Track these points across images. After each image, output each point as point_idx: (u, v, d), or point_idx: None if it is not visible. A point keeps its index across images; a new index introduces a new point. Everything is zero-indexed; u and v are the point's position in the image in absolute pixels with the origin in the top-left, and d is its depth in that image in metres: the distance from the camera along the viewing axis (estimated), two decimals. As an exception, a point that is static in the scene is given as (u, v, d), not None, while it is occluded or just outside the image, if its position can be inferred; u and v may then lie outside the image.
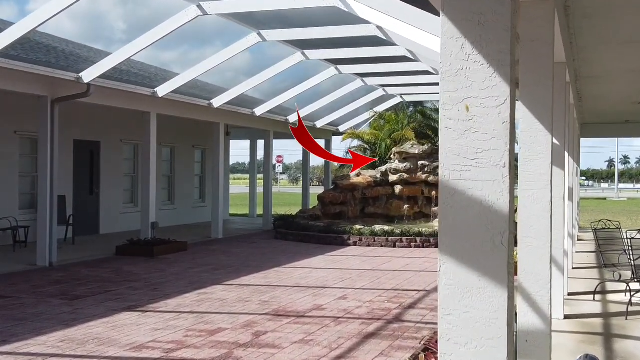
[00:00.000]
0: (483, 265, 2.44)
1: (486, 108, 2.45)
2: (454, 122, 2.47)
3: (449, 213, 2.48)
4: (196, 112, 16.85)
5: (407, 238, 16.10)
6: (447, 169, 2.48)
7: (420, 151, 20.27)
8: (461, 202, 2.46)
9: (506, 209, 2.43)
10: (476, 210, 2.44)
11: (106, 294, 9.49)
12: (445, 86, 2.50)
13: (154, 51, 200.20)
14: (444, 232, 2.50)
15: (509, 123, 2.44)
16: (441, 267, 2.51)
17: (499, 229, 2.43)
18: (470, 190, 2.44)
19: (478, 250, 2.44)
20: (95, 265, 12.39)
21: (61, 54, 14.33)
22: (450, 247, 2.47)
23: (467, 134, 2.46)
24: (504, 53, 2.45)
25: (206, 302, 8.94)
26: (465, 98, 2.46)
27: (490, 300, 2.44)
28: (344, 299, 9.32)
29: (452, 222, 2.47)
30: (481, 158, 2.44)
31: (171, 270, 11.94)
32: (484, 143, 2.44)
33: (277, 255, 14.26)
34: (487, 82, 2.45)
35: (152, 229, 15.04)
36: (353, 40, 14.02)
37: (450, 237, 2.48)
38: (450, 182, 2.47)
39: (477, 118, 2.45)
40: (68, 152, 17.03)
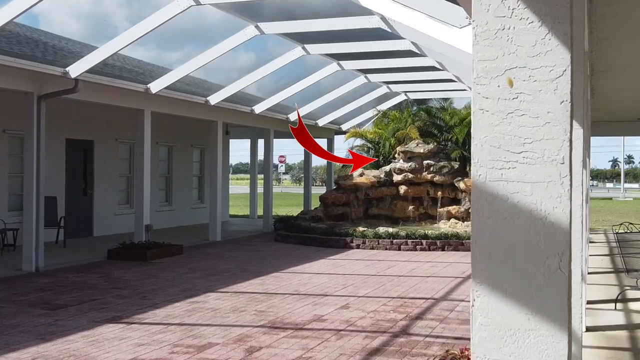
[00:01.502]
0: (534, 299, 1.77)
1: (537, 82, 1.78)
2: (491, 102, 1.81)
3: (485, 227, 1.81)
4: (193, 110, 16.19)
5: (413, 241, 15.43)
6: (482, 167, 1.82)
7: (426, 150, 19.59)
8: (502, 212, 1.79)
9: (566, 222, 1.76)
10: (524, 223, 1.78)
11: (91, 303, 8.84)
12: (479, 53, 1.83)
13: (157, 51, 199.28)
14: (478, 253, 1.83)
15: (569, 102, 1.77)
16: (475, 300, 1.84)
17: (555, 249, 1.76)
18: (515, 196, 1.78)
19: (527, 278, 1.78)
20: (84, 271, 11.74)
21: (50, 48, 13.68)
22: (488, 273, 1.81)
23: (511, 117, 1.79)
24: (561, 6, 1.78)
25: (197, 313, 8.28)
26: (508, 69, 1.80)
27: (544, 347, 1.77)
28: (346, 308, 8.65)
29: (489, 239, 1.81)
30: (530, 151, 1.77)
31: (164, 275, 11.28)
32: (535, 130, 1.77)
33: (277, 259, 13.60)
34: (538, 46, 1.78)
35: (146, 232, 14.39)
36: (356, 34, 13.35)
37: (488, 260, 1.81)
38: (487, 185, 1.80)
39: (525, 96, 1.78)
40: (60, 152, 16.40)
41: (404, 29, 11.21)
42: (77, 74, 11.29)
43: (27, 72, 10.97)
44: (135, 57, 19.55)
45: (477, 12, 1.83)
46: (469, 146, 22.86)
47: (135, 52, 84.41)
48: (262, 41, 11.22)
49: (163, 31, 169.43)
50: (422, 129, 23.38)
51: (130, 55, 18.80)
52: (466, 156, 22.53)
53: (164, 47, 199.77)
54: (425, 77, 18.37)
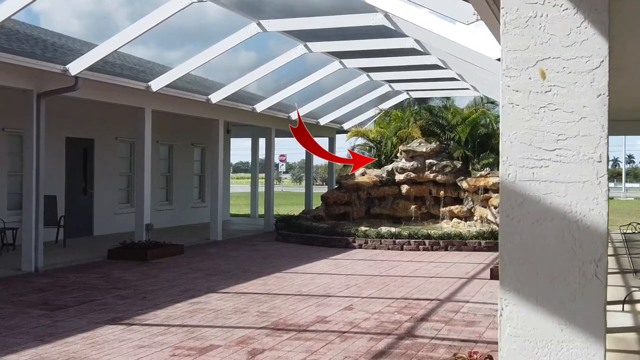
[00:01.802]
0: (568, 309, 1.64)
1: (572, 74, 1.65)
2: (522, 96, 1.68)
3: (514, 231, 1.68)
4: (194, 108, 16.05)
5: (415, 240, 15.29)
6: (512, 165, 1.69)
7: (428, 149, 19.44)
8: (534, 215, 1.66)
9: (603, 225, 1.63)
10: (557, 227, 1.64)
11: (91, 304, 8.71)
12: (509, 42, 1.70)
13: (158, 50, 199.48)
14: (507, 258, 1.70)
15: (606, 96, 1.64)
16: (503, 309, 1.71)
17: (591, 255, 1.63)
18: (547, 197, 1.64)
19: (560, 285, 1.65)
20: (83, 270, 11.61)
21: (50, 46, 13.54)
22: (518, 280, 1.68)
23: (544, 112, 1.66)
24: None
25: (199, 314, 8.14)
26: (540, 59, 1.67)
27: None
28: (349, 309, 8.52)
29: (519, 244, 1.68)
30: (565, 148, 1.64)
31: (164, 275, 11.15)
32: (569, 126, 1.64)
33: (278, 259, 13.47)
34: (573, 35, 1.65)
35: (146, 231, 14.26)
36: (359, 31, 13.21)
37: (518, 267, 1.68)
38: (518, 185, 1.67)
39: (559, 89, 1.65)
40: (60, 150, 16.26)
41: (408, 26, 11.08)
42: (77, 72, 11.15)
43: (27, 70, 10.83)
44: (136, 55, 19.43)
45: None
46: (471, 145, 22.75)
47: (136, 51, 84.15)
48: (263, 40, 11.21)
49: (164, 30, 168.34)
50: (424, 128, 23.25)
51: (131, 54, 18.68)
52: (468, 155, 22.39)
53: (165, 46, 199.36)
54: (428, 75, 18.23)
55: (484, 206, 18.48)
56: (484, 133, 23.20)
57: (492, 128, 23.33)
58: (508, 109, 1.68)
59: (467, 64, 12.56)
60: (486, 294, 9.64)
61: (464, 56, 11.08)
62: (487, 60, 10.65)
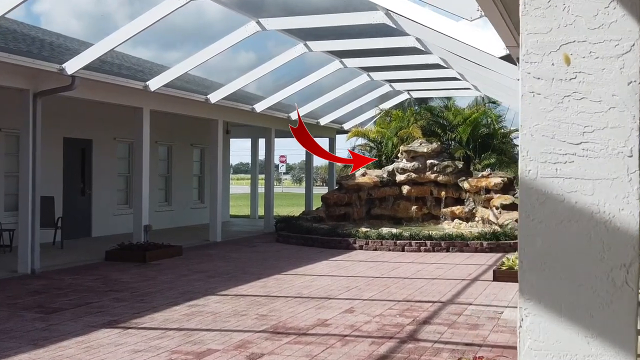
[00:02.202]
0: (595, 320, 1.48)
1: (600, 59, 1.49)
2: (544, 84, 1.52)
3: (535, 233, 1.52)
4: (192, 108, 15.90)
5: (417, 241, 15.12)
6: (532, 161, 1.53)
7: (429, 149, 19.28)
8: (557, 215, 1.50)
9: (634, 226, 1.47)
10: (583, 229, 1.49)
11: (87, 307, 8.55)
12: (529, 25, 1.54)
13: (158, 51, 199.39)
14: (527, 263, 1.54)
15: (637, 83, 1.48)
16: (523, 320, 1.55)
17: (621, 259, 1.47)
18: (572, 195, 1.49)
19: (587, 294, 1.49)
20: (81, 272, 11.45)
21: (48, 45, 13.39)
22: (539, 288, 1.52)
23: (568, 102, 1.50)
24: (628, -32, 1.49)
25: (197, 317, 7.98)
26: (564, 43, 1.51)
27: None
28: (350, 312, 8.36)
29: (541, 247, 1.52)
30: (591, 141, 1.48)
31: (163, 277, 10.99)
32: (597, 117, 1.48)
33: (278, 261, 13.31)
34: (600, 17, 1.49)
35: (144, 232, 14.10)
36: (359, 30, 13.07)
37: (539, 273, 1.52)
38: (539, 182, 1.51)
39: (585, 75, 1.50)
40: (57, 151, 16.11)
41: (408, 24, 10.93)
42: (73, 71, 11.00)
43: (23, 69, 10.67)
44: (136, 56, 19.30)
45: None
46: (472, 145, 22.60)
47: (136, 52, 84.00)
48: (262, 41, 11.02)
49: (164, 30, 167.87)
50: (425, 128, 23.11)
51: (131, 54, 18.54)
52: (470, 156, 22.25)
53: (165, 47, 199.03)
54: (429, 75, 18.09)
55: (485, 207, 18.32)
56: (486, 133, 23.05)
57: (493, 128, 23.19)
58: (528, 99, 1.52)
59: (469, 62, 12.41)
60: (489, 296, 9.47)
61: (467, 54, 10.92)
62: (490, 59, 10.50)
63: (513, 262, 11.03)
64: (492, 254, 14.41)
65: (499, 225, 16.54)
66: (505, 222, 16.54)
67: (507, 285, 10.29)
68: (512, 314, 8.26)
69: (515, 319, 7.92)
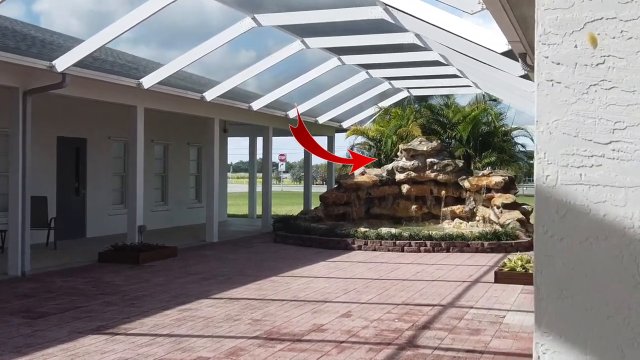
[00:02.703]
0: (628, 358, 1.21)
1: (633, 40, 1.22)
2: (565, 70, 1.25)
3: (555, 252, 1.25)
4: (188, 106, 15.62)
5: (416, 242, 14.85)
6: (551, 164, 1.26)
7: (429, 148, 19.01)
8: (582, 231, 1.23)
9: (677, 245, 1.19)
10: (614, 247, 1.21)
11: (76, 311, 8.28)
12: None
13: (158, 50, 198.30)
14: (545, 289, 1.27)
15: (680, 70, 1.21)
16: (540, 357, 1.28)
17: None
18: (601, 206, 1.21)
19: (618, 326, 1.21)
20: (72, 275, 11.18)
21: (39, 42, 13.11)
22: (560, 320, 1.25)
23: (595, 92, 1.23)
24: None
25: (188, 322, 7.71)
26: (590, 21, 1.23)
27: None
28: (347, 316, 8.09)
29: (562, 270, 1.24)
30: (624, 140, 1.21)
31: (156, 280, 10.72)
32: (630, 110, 1.21)
33: (275, 262, 13.03)
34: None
35: (139, 233, 13.83)
36: (357, 26, 12.79)
37: (560, 301, 1.25)
38: (559, 190, 1.24)
39: (615, 60, 1.22)
40: (51, 150, 15.84)
41: (408, 19, 10.66)
42: (63, 68, 10.72)
43: (11, 66, 10.39)
44: (137, 55, 19.03)
45: (542, -60, 1.26)
46: (473, 144, 22.33)
47: (137, 51, 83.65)
48: (263, 39, 10.81)
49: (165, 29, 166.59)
50: (425, 126, 22.85)
51: (130, 52, 18.26)
52: (470, 154, 21.98)
53: (165, 45, 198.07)
54: (428, 72, 17.82)
55: (486, 206, 18.05)
56: (486, 131, 22.80)
57: (494, 126, 22.93)
58: (546, 88, 1.24)
59: (470, 59, 12.14)
60: (491, 299, 9.20)
61: (467, 50, 10.66)
62: (491, 55, 10.23)
63: (515, 264, 10.76)
64: (493, 254, 14.14)
65: (500, 225, 16.27)
66: (506, 222, 16.28)
67: (509, 288, 10.02)
68: (515, 318, 7.99)
69: (518, 323, 7.65)
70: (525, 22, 7.00)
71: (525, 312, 8.28)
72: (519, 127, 23.23)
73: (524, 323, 7.69)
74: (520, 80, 12.28)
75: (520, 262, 10.76)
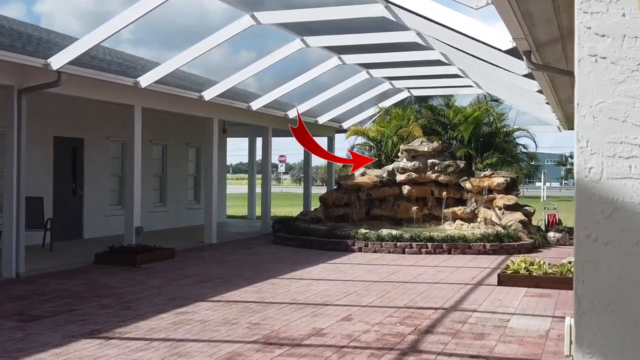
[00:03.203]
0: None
1: (694, 6, 1.02)
2: (612, 44, 1.06)
3: (599, 258, 1.07)
4: (186, 106, 15.42)
5: (418, 243, 14.65)
6: (594, 154, 1.07)
7: (430, 149, 18.81)
8: (632, 233, 1.05)
9: None
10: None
11: (70, 314, 8.08)
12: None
13: (159, 51, 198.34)
14: (587, 301, 1.09)
15: None
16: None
17: None
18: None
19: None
20: (68, 277, 10.98)
21: (35, 40, 12.93)
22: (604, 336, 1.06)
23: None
24: None
25: (185, 325, 7.51)
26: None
27: None
28: (348, 320, 7.89)
29: (607, 278, 1.06)
30: (683, 127, 1.02)
31: (152, 282, 10.52)
32: (691, 90, 1.02)
33: (274, 264, 12.84)
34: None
35: (136, 235, 13.63)
36: (358, 24, 12.61)
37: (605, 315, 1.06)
38: (604, 185, 1.06)
39: (672, 31, 1.03)
40: (47, 150, 15.64)
41: (409, 17, 10.47)
42: (59, 66, 10.52)
43: (6, 64, 10.18)
44: (122, 50, 18.84)
45: None
46: (474, 144, 22.14)
47: (137, 52, 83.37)
48: (264, 39, 10.63)
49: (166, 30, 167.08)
50: (426, 126, 22.66)
51: (131, 53, 18.08)
52: (472, 155, 21.79)
53: (165, 47, 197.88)
54: (429, 72, 17.63)
55: (488, 207, 17.87)
56: (487, 132, 22.61)
57: (495, 127, 22.75)
58: (588, 65, 1.06)
59: (472, 58, 11.96)
60: (494, 302, 9.01)
61: (470, 48, 10.47)
62: (494, 53, 10.05)
63: (518, 266, 10.56)
64: (496, 256, 13.94)
65: (502, 227, 16.08)
66: (508, 223, 16.09)
67: (513, 290, 9.83)
68: (520, 322, 7.79)
69: (523, 327, 7.45)
70: (531, 19, 6.82)
71: (530, 316, 8.09)
72: (521, 128, 23.03)
73: (529, 327, 7.49)
74: (523, 80, 12.11)
75: (523, 265, 10.56)
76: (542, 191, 52.08)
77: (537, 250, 15.01)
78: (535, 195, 45.62)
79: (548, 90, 11.82)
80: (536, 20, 6.91)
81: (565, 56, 8.93)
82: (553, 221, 18.10)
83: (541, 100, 13.92)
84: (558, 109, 15.22)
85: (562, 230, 17.01)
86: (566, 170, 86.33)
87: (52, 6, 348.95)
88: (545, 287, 9.95)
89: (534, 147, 24.57)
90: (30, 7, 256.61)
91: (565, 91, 12.32)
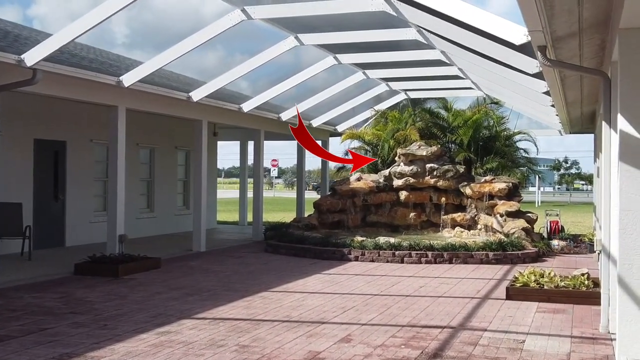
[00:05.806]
0: None
1: None
2: None
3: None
4: (174, 107, 14.66)
5: (417, 252, 13.92)
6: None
7: (429, 153, 18.10)
8: None
9: None
10: None
11: (39, 334, 7.30)
12: None
13: (153, 53, 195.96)
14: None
15: None
16: None
17: None
18: None
19: None
20: (43, 289, 10.19)
21: (13, 37, 12.15)
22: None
23: None
24: None
25: (166, 348, 6.75)
26: None
27: None
28: (347, 341, 7.14)
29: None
30: None
31: (134, 296, 9.74)
32: None
33: (266, 274, 12.08)
34: None
35: (119, 243, 12.85)
36: (356, 20, 11.90)
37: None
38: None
39: None
40: (27, 153, 14.83)
41: (410, 11, 9.77)
42: (33, 62, 9.76)
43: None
44: (109, 50, 18.07)
45: None
46: (474, 149, 21.45)
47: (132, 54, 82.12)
48: (259, 42, 10.00)
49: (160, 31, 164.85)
50: (424, 130, 21.98)
51: (126, 55, 17.30)
52: (472, 159, 21.10)
53: (160, 48, 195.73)
54: (428, 72, 16.93)
55: (488, 214, 17.15)
56: (487, 136, 21.94)
57: (495, 130, 22.07)
58: None
59: (475, 56, 11.28)
60: (505, 319, 8.28)
61: (476, 44, 9.77)
62: (502, 50, 9.37)
63: (528, 278, 9.84)
64: (500, 266, 13.23)
65: (504, 234, 15.38)
66: (510, 231, 15.39)
67: (523, 305, 9.11)
68: (536, 343, 7.06)
69: (541, 350, 6.72)
70: (552, 9, 6.13)
71: (546, 336, 7.36)
72: (522, 132, 22.35)
73: (547, 350, 6.76)
74: (531, 80, 11.43)
75: (533, 277, 9.84)
76: (537, 196, 51.52)
77: (541, 259, 14.31)
78: (530, 201, 44.99)
79: (557, 91, 11.15)
80: (556, 9, 6.22)
81: (580, 53, 8.26)
82: (555, 228, 17.42)
83: (547, 102, 13.25)
84: (563, 111, 14.55)
85: (566, 238, 16.34)
86: (560, 175, 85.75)
87: (46, 9, 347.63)
88: (558, 302, 9.23)
89: (534, 151, 23.86)
90: (25, 10, 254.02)
91: (574, 92, 11.67)
